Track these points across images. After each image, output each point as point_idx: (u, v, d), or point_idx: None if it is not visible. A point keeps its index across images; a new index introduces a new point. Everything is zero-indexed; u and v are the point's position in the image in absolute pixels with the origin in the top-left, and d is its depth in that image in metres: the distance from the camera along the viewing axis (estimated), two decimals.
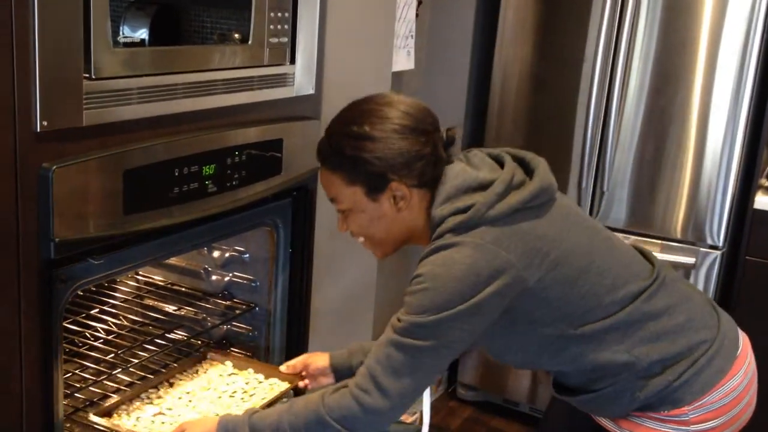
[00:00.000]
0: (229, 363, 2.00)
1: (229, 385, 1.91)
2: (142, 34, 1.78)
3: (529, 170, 1.56)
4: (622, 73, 2.88)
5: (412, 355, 1.46)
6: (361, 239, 1.62)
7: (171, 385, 1.91)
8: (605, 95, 2.93)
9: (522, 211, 1.48)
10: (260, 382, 1.92)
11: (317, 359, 1.86)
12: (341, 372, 1.81)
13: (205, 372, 1.97)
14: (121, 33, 1.76)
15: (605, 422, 1.64)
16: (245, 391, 1.88)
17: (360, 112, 1.53)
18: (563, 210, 1.56)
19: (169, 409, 1.80)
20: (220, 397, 1.85)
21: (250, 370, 1.96)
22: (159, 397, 1.84)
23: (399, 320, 1.47)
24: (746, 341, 1.68)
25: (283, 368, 1.90)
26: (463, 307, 1.42)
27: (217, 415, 1.68)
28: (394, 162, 1.48)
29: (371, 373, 1.48)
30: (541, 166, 1.55)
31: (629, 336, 1.53)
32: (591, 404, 1.62)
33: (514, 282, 1.44)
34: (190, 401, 1.84)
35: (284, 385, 1.88)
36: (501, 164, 1.56)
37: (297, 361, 1.88)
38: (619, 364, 1.52)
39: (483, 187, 1.49)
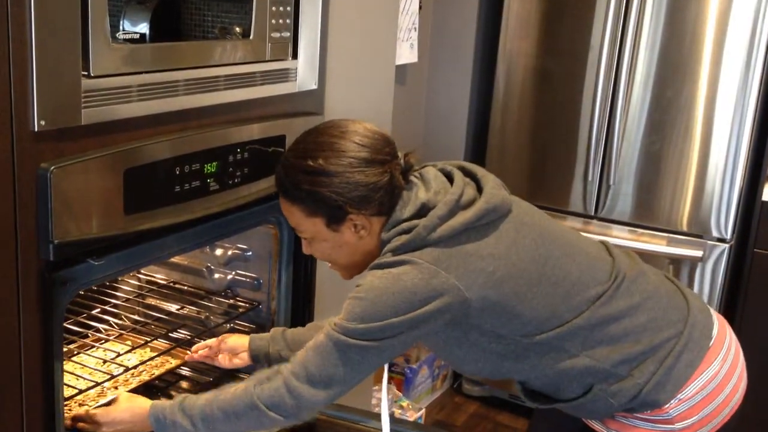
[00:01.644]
0: None
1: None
2: (143, 28, 1.75)
3: (479, 187, 1.55)
4: (628, 65, 2.84)
5: (342, 351, 1.46)
6: (329, 264, 1.63)
7: None
8: (611, 87, 2.90)
9: (467, 231, 1.48)
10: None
11: (236, 337, 1.87)
12: (257, 356, 1.83)
13: None
14: (121, 28, 1.73)
15: (593, 423, 1.63)
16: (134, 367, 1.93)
17: (315, 146, 1.52)
18: (516, 223, 1.54)
19: None
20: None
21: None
22: None
23: (335, 323, 1.48)
24: (722, 326, 1.65)
25: (197, 346, 1.91)
26: (395, 320, 1.43)
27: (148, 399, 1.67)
28: (351, 195, 1.48)
29: (305, 363, 1.49)
30: (489, 184, 1.55)
31: (588, 340, 1.52)
32: (570, 410, 1.62)
33: (454, 302, 1.45)
34: None
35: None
36: (452, 181, 1.55)
37: (211, 341, 1.89)
38: (581, 368, 1.52)
39: (427, 209, 1.50)
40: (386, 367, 1.68)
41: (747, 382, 1.65)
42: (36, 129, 1.32)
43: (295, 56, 1.91)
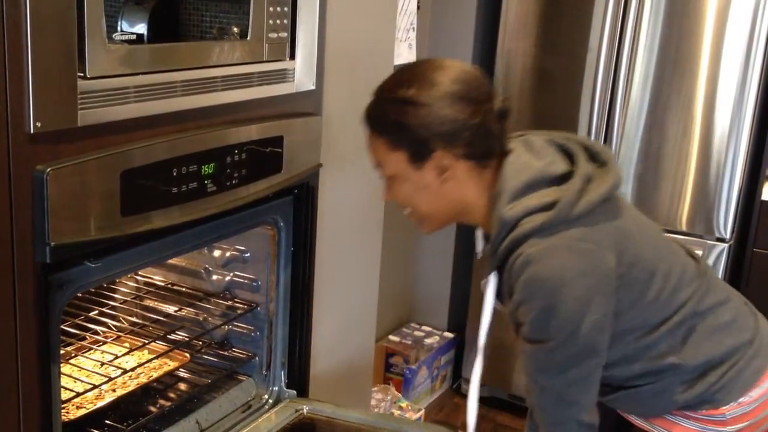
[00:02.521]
0: None
1: None
2: (141, 29, 1.74)
3: (597, 161, 1.49)
4: (627, 65, 2.84)
5: (559, 379, 1.42)
6: (407, 210, 1.54)
7: None
8: (610, 87, 2.89)
9: (600, 206, 1.42)
10: None
11: None
12: None
13: None
14: (119, 28, 1.72)
15: (636, 419, 1.61)
16: None
17: (409, 75, 1.46)
18: (628, 205, 1.51)
19: None
20: None
21: None
22: None
23: (528, 358, 1.44)
24: None
25: None
26: (591, 317, 1.37)
27: None
28: (438, 130, 1.41)
29: (540, 412, 1.47)
30: (612, 157, 1.50)
31: (679, 338, 1.49)
32: (626, 402, 1.58)
33: (615, 277, 1.40)
34: None
35: None
36: (565, 153, 1.49)
37: None
38: (666, 365, 1.49)
39: (555, 181, 1.43)
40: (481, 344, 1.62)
41: None
42: (32, 131, 1.31)
43: (292, 57, 1.90)
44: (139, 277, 2.27)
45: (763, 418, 1.55)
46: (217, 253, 2.16)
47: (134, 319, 2.19)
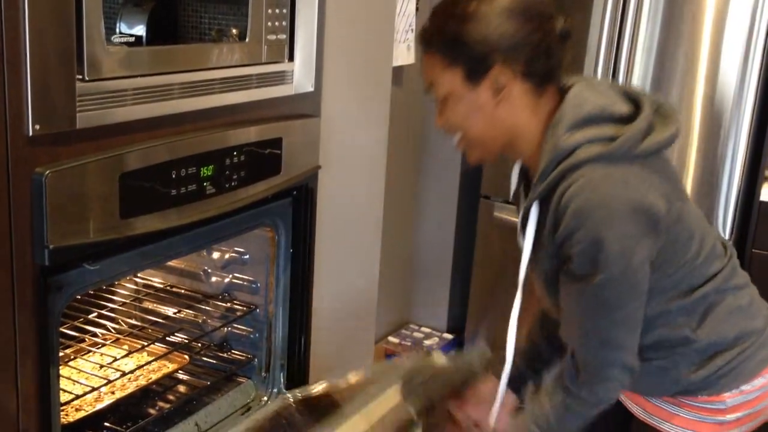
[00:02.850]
0: None
1: None
2: (140, 30, 1.74)
3: (659, 112, 1.46)
4: (625, 68, 2.84)
5: (603, 316, 1.39)
6: (457, 137, 1.49)
7: None
8: None
9: (657, 153, 1.41)
10: None
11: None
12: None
13: None
14: (117, 30, 1.72)
15: (637, 410, 1.61)
16: None
17: None
18: (675, 168, 1.50)
19: None
20: None
21: None
22: None
23: (572, 298, 1.41)
24: None
25: None
26: (638, 257, 1.34)
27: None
28: (497, 44, 1.37)
29: (582, 358, 1.44)
30: (675, 110, 1.47)
31: (699, 312, 1.48)
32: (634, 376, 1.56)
33: (664, 216, 1.37)
34: None
35: None
36: (628, 98, 1.45)
37: None
38: (680, 338, 1.48)
39: (617, 120, 1.39)
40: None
41: None
42: (31, 133, 1.31)
43: (291, 58, 1.90)
44: (138, 279, 2.27)
45: (761, 409, 1.54)
46: (216, 255, 2.16)
47: (133, 321, 2.19)
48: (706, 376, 1.49)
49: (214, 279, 2.19)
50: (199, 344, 2.15)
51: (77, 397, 1.80)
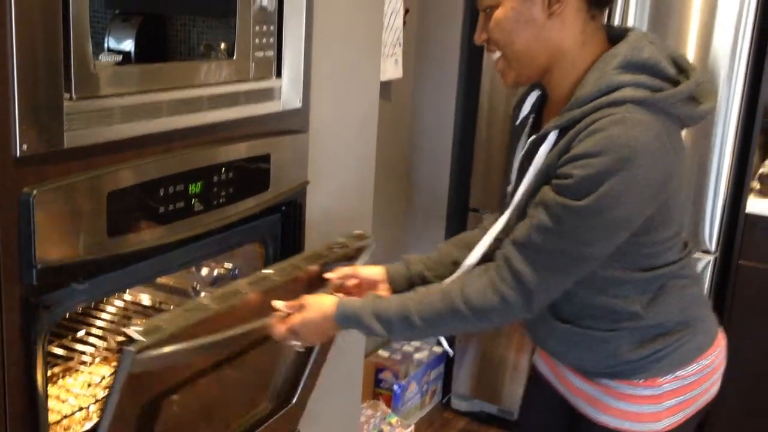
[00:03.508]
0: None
1: None
2: (128, 45, 1.74)
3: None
4: None
5: (558, 244, 1.37)
6: (496, 55, 1.46)
7: None
8: None
9: (688, 122, 1.42)
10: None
11: (367, 268, 1.75)
12: (398, 283, 1.71)
13: None
14: (106, 45, 1.72)
15: (583, 407, 1.62)
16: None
17: None
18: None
19: None
20: None
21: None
22: None
23: (546, 209, 1.37)
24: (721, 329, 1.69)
25: (329, 275, 1.74)
26: (630, 207, 1.34)
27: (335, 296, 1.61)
28: None
29: (513, 267, 1.41)
30: (716, 89, 1.50)
31: (652, 291, 1.50)
32: (570, 342, 1.56)
33: (666, 186, 1.38)
34: None
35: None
36: (679, 68, 1.44)
37: (345, 270, 1.74)
38: (628, 312, 1.49)
39: (667, 79, 1.38)
40: None
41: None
42: (18, 154, 1.30)
43: (279, 75, 1.91)
44: (126, 297, 2.26)
45: (696, 395, 1.57)
46: (204, 271, 2.16)
47: (122, 339, 2.18)
48: (645, 355, 1.51)
49: (203, 295, 2.18)
50: None
51: (65, 416, 1.79)
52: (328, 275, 1.75)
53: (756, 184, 2.94)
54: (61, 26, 1.34)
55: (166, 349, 1.39)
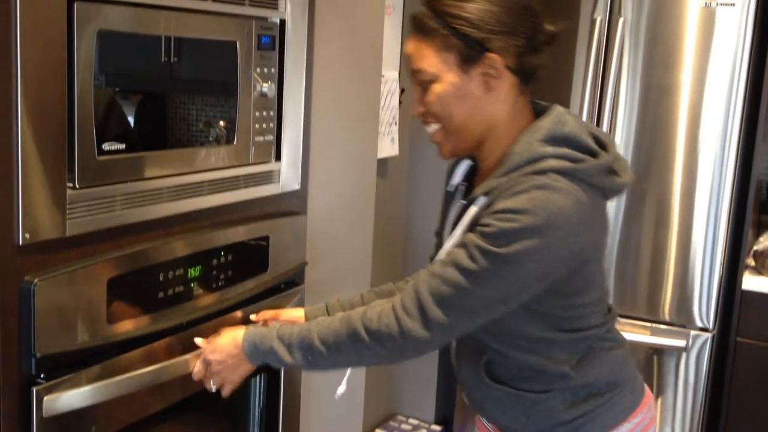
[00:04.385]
0: None
1: None
2: (127, 122, 1.76)
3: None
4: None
5: (468, 283, 1.38)
6: (434, 127, 1.50)
7: None
8: None
9: (608, 194, 1.47)
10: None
11: (290, 311, 1.82)
12: None
13: None
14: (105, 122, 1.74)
15: None
16: None
17: None
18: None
19: None
20: None
21: None
22: None
23: (472, 241, 1.39)
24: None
25: (252, 317, 1.83)
26: (546, 267, 1.37)
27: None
28: (498, 30, 1.41)
29: (419, 297, 1.42)
30: (628, 166, 1.54)
31: (579, 352, 1.53)
32: (505, 405, 1.58)
33: (585, 245, 1.42)
34: None
35: None
36: (599, 143, 1.49)
37: (268, 312, 1.82)
38: (558, 373, 1.52)
39: (587, 152, 1.43)
40: None
41: None
42: (21, 242, 1.32)
43: (278, 158, 1.93)
44: None
45: None
46: None
47: None
48: (577, 416, 1.53)
49: None
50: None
51: None
52: (252, 317, 1.83)
53: (751, 261, 2.96)
54: (66, 119, 1.37)
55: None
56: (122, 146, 1.53)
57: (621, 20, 2.80)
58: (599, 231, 1.49)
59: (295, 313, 1.81)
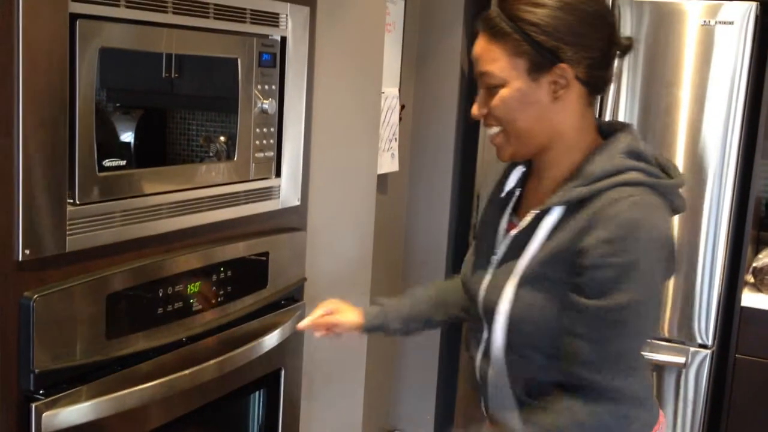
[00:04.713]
0: None
1: None
2: (128, 137, 1.77)
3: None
4: None
5: (624, 340, 1.38)
6: (495, 130, 1.45)
7: None
8: None
9: (674, 213, 1.47)
10: None
11: (344, 314, 1.76)
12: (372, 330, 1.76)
13: None
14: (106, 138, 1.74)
15: None
16: None
17: None
18: None
19: None
20: None
21: None
22: None
23: (589, 317, 1.36)
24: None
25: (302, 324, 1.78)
26: (661, 276, 1.38)
27: None
28: (572, 41, 1.36)
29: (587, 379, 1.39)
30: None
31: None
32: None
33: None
34: None
35: None
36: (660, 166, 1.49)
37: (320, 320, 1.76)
38: (607, 389, 1.45)
39: (665, 174, 1.44)
40: None
41: None
42: (20, 258, 1.32)
43: (278, 174, 1.94)
44: None
45: None
46: None
47: None
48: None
49: None
50: None
51: None
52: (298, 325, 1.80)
53: (750, 278, 2.96)
54: (68, 135, 1.37)
55: None
56: (123, 162, 1.54)
57: None
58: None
59: (351, 319, 1.76)
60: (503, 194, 1.59)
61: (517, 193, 1.56)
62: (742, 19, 2.68)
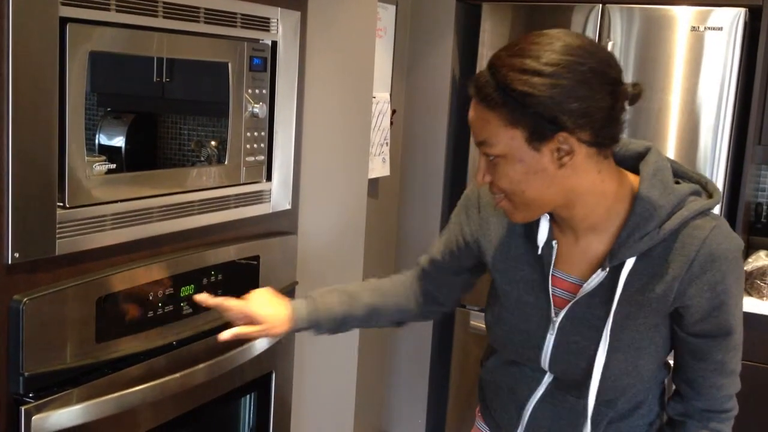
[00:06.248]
0: None
1: None
2: (119, 141, 1.77)
3: None
4: None
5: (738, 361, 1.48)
6: (501, 196, 1.34)
7: None
8: None
9: None
10: None
11: (271, 318, 1.53)
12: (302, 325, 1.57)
13: None
14: (97, 141, 1.75)
15: None
16: None
17: (535, 46, 1.26)
18: None
19: None
20: None
21: None
22: None
23: (732, 347, 1.42)
24: None
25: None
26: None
27: None
28: (570, 107, 1.23)
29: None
30: None
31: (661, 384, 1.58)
32: None
33: None
34: None
35: None
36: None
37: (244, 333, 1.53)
38: (658, 402, 1.58)
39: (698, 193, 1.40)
40: None
41: None
42: (10, 261, 1.32)
43: (269, 178, 1.94)
44: None
45: None
46: None
47: None
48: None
49: None
50: None
51: None
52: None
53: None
54: (57, 140, 1.37)
55: None
56: (113, 166, 1.54)
57: (610, 43, 2.83)
58: None
59: (273, 311, 1.55)
60: (540, 251, 1.45)
61: (555, 246, 1.43)
62: (731, 25, 2.69)
